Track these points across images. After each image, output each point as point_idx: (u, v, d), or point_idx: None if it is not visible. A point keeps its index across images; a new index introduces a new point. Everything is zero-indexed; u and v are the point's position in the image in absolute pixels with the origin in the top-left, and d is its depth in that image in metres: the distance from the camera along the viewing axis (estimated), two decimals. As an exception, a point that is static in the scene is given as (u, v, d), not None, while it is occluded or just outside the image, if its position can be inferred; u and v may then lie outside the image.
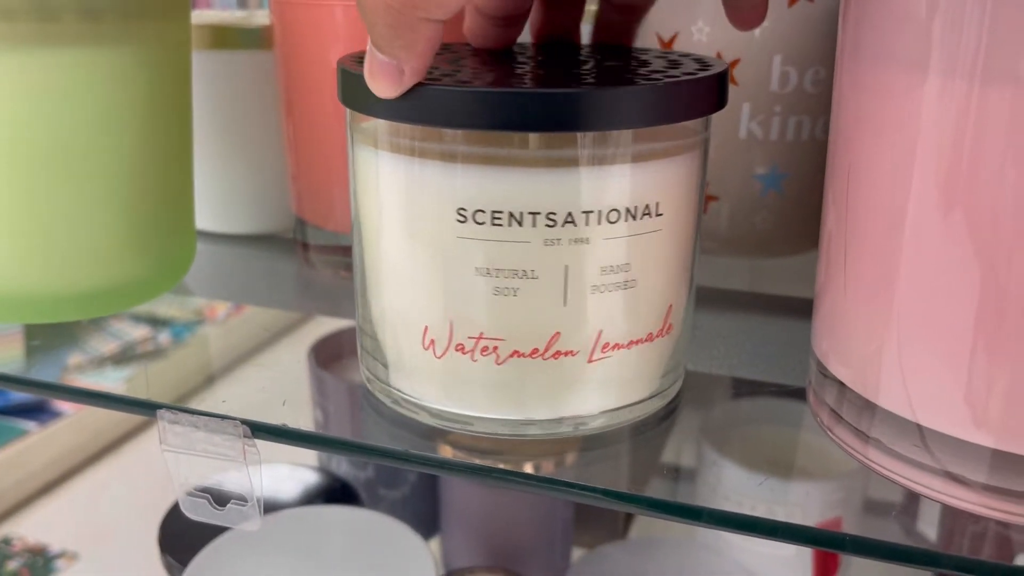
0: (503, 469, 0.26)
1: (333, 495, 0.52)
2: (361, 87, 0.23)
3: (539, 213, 0.22)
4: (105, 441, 0.98)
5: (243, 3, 1.04)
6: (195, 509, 0.29)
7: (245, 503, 0.28)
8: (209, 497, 0.28)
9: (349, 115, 0.26)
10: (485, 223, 0.22)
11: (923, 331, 0.21)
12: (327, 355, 0.50)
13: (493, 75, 0.23)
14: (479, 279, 0.23)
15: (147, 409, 0.28)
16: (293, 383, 0.45)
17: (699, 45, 0.35)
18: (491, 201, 0.22)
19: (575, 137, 0.22)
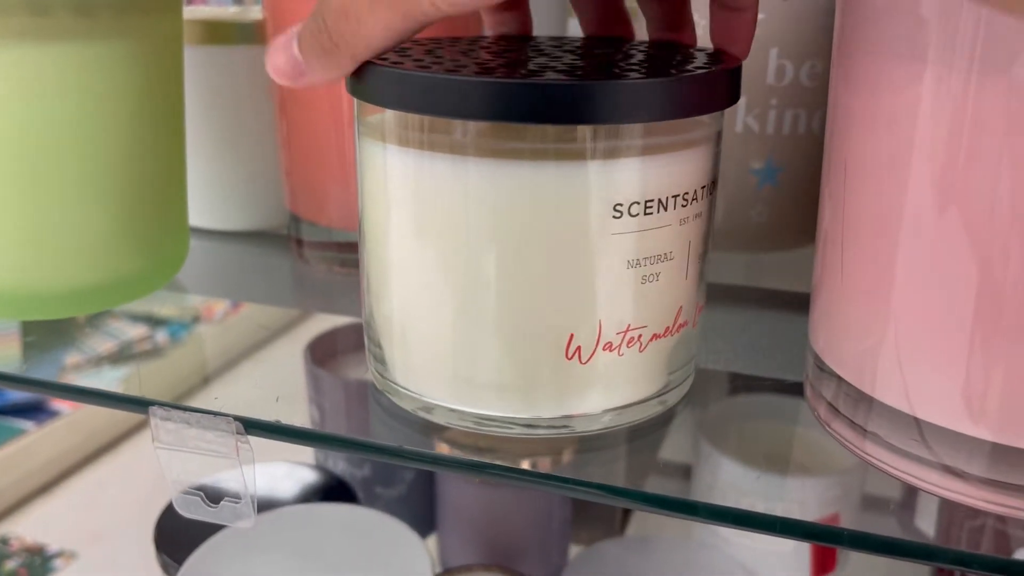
0: (500, 465, 0.26)
1: (330, 493, 0.52)
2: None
3: (677, 195, 0.23)
4: (103, 440, 0.98)
5: (237, -2, 1.04)
6: (188, 507, 0.28)
7: (239, 500, 0.28)
8: (202, 495, 0.28)
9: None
10: (639, 214, 0.23)
11: (920, 325, 0.21)
12: (323, 352, 0.50)
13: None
14: (629, 272, 0.23)
15: (139, 406, 0.28)
16: (288, 379, 0.45)
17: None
18: (644, 192, 0.23)
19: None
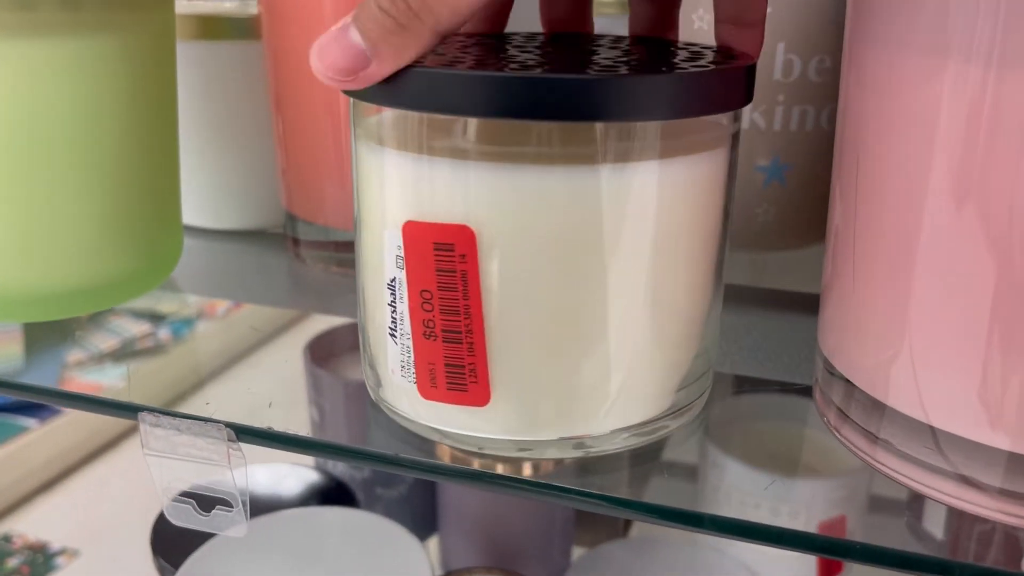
0: (500, 474, 0.26)
1: (329, 496, 0.51)
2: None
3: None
4: (105, 438, 0.98)
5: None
6: (179, 515, 0.28)
7: (231, 508, 0.27)
8: (193, 502, 0.27)
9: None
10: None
11: (936, 328, 0.21)
12: (323, 352, 0.50)
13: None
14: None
15: (129, 412, 0.27)
16: (283, 383, 0.44)
17: (699, 33, 0.34)
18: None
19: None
